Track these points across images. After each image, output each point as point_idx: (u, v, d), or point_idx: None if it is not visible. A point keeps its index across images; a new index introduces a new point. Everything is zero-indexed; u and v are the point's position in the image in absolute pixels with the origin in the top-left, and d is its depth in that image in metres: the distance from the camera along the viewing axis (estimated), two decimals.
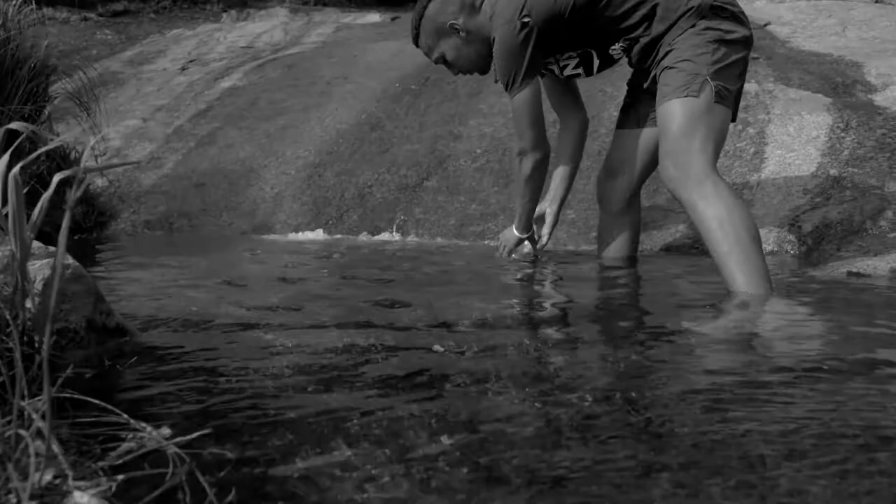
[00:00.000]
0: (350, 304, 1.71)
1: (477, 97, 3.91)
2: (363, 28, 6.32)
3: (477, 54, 2.23)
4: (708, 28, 1.94)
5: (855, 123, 3.03)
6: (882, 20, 4.68)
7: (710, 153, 1.87)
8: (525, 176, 2.23)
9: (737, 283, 1.75)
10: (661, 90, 1.96)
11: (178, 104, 5.00)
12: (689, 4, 1.96)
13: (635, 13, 2.01)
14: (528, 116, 2.13)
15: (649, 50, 2.04)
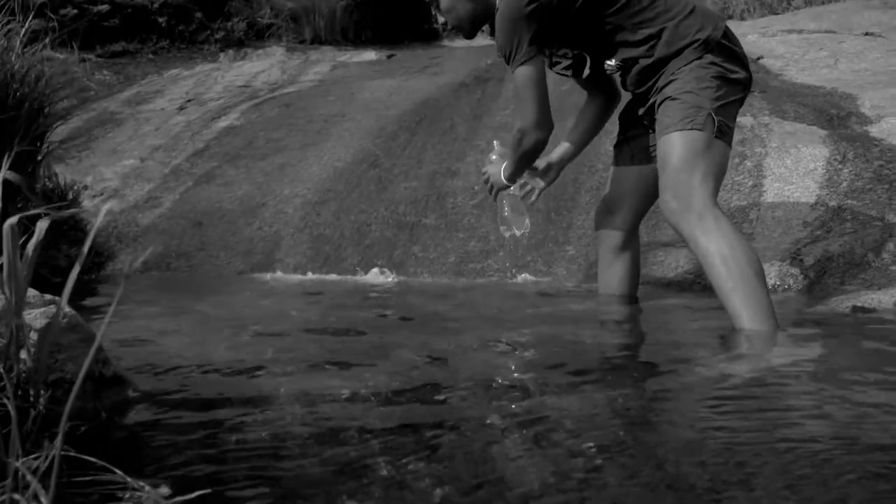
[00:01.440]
0: (350, 350, 1.69)
1: (474, 133, 3.92)
2: (359, 66, 6.38)
3: (468, 14, 2.14)
4: (713, 63, 1.93)
5: (852, 155, 3.04)
6: (872, 52, 4.73)
7: (711, 187, 1.86)
8: (521, 151, 2.11)
9: (742, 320, 1.73)
10: (662, 121, 1.94)
11: (176, 144, 5.02)
12: (696, 36, 1.94)
13: (642, 30, 1.98)
14: (531, 93, 1.99)
15: (649, 74, 2.02)
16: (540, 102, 2.01)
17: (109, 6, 8.41)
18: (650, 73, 2.02)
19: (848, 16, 5.73)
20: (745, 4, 7.62)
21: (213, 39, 8.37)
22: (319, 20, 8.40)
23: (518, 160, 2.15)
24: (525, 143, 2.07)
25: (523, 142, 2.07)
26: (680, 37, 1.96)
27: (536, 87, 1.99)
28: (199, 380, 1.43)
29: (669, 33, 1.96)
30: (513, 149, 2.14)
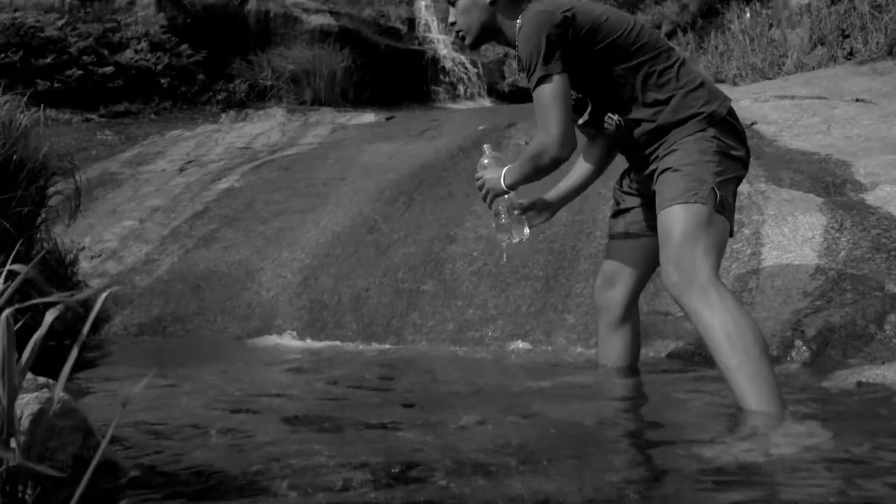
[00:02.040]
0: (347, 428, 1.66)
1: (472, 198, 3.94)
2: (358, 129, 6.46)
3: (481, 23, 2.10)
4: (716, 137, 1.93)
5: (849, 224, 3.05)
6: (864, 118, 4.81)
7: (713, 261, 1.85)
8: (537, 166, 2.01)
9: (748, 400, 1.70)
10: (664, 193, 1.93)
11: (176, 205, 5.04)
12: (702, 108, 1.94)
13: (650, 92, 1.97)
14: (556, 107, 1.92)
15: (650, 140, 2.01)
16: (565, 118, 1.94)
17: (114, 68, 8.58)
18: (651, 138, 2.01)
19: (838, 82, 5.84)
20: (737, 70, 7.78)
21: (215, 100, 8.53)
22: (320, 82, 8.57)
23: (529, 173, 2.06)
24: (544, 159, 1.98)
25: (542, 157, 1.98)
26: (686, 106, 1.96)
27: (562, 101, 1.93)
28: (192, 460, 1.40)
29: (677, 101, 1.96)
30: (527, 160, 2.03)
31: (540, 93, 1.93)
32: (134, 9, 9.49)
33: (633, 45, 1.98)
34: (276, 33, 9.29)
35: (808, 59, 8.09)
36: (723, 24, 9.53)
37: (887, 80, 5.82)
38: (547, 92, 1.92)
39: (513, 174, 2.10)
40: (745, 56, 8.41)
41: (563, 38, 1.91)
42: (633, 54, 1.98)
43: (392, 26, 10.17)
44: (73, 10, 9.40)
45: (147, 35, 8.92)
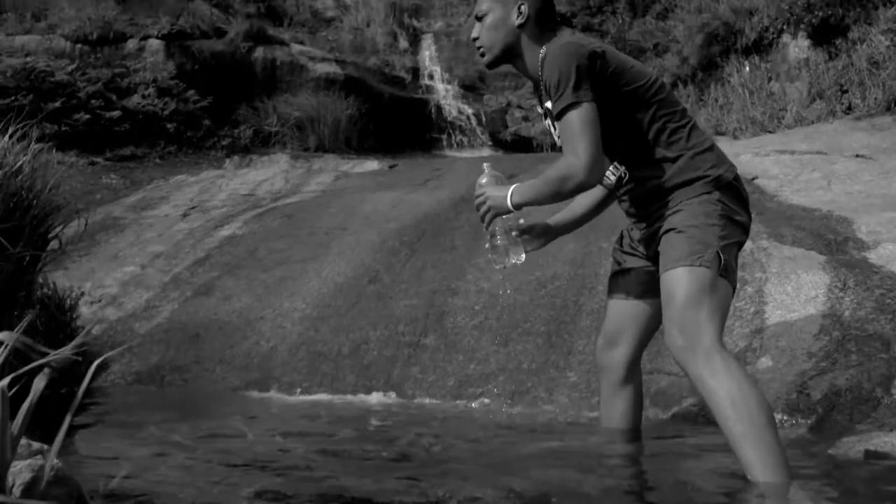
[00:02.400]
0: (342, 492, 1.62)
1: (474, 251, 3.94)
2: (361, 177, 6.50)
3: (506, 43, 2.07)
4: (721, 201, 1.93)
5: (852, 283, 3.04)
6: (864, 174, 4.83)
7: (717, 326, 1.84)
8: (558, 190, 1.94)
9: (754, 469, 1.67)
10: (668, 254, 1.91)
11: (178, 251, 5.04)
12: (709, 171, 1.94)
13: (660, 148, 1.97)
14: (587, 133, 1.87)
15: (653, 198, 2.00)
16: (595, 144, 1.88)
17: (121, 112, 8.69)
18: (656, 196, 2.00)
19: (838, 137, 5.89)
20: (737, 123, 7.87)
21: (220, 146, 8.60)
22: (324, 129, 8.65)
23: (546, 194, 1.97)
24: (569, 184, 1.91)
25: (568, 182, 1.91)
26: (694, 168, 1.95)
27: (592, 127, 1.88)
28: None
29: (685, 161, 1.96)
30: (549, 181, 1.95)
31: (569, 118, 1.89)
32: (143, 55, 9.66)
33: (652, 98, 1.99)
34: (282, 80, 9.42)
35: (808, 113, 8.18)
36: (722, 77, 9.66)
37: (886, 135, 5.87)
38: (577, 117, 1.88)
39: (524, 194, 1.99)
40: (745, 109, 8.50)
41: (591, 71, 1.90)
42: (650, 106, 1.99)
43: (396, 75, 10.32)
44: (83, 56, 9.57)
45: (155, 81, 9.06)
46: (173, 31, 9.69)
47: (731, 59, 9.91)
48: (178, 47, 9.61)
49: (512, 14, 2.05)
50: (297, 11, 11.99)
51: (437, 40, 11.23)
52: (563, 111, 1.89)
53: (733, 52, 10.08)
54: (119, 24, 9.88)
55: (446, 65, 10.64)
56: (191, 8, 10.83)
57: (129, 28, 9.93)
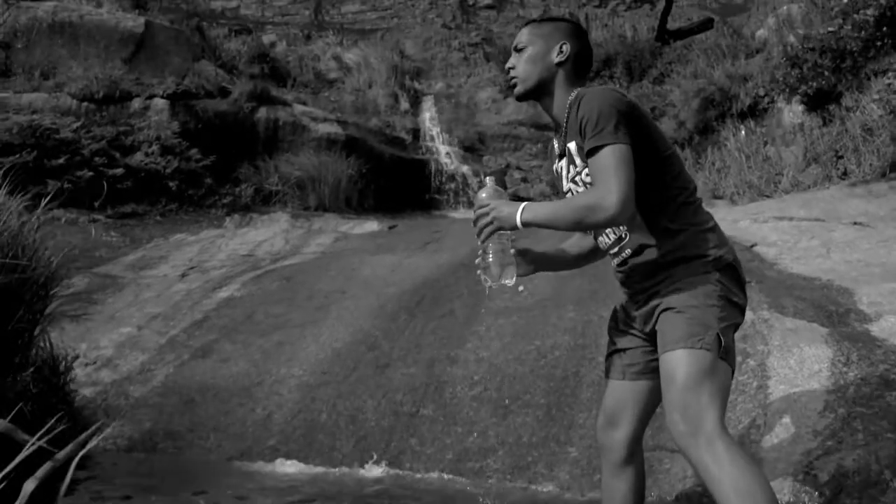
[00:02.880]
0: None
1: (473, 318, 3.92)
2: (361, 238, 6.52)
3: (538, 79, 2.06)
4: (720, 282, 1.91)
5: (856, 357, 3.01)
6: (863, 242, 4.84)
7: (719, 410, 1.80)
8: (582, 220, 1.88)
9: None
10: (667, 335, 1.88)
11: (175, 313, 5.01)
12: (710, 251, 1.92)
13: (664, 220, 1.95)
14: (623, 172, 1.83)
15: (651, 271, 1.97)
16: (630, 185, 1.83)
17: (124, 169, 8.76)
18: (653, 268, 1.97)
19: (835, 204, 5.93)
20: (734, 187, 7.94)
21: (221, 204, 8.64)
22: (324, 188, 8.71)
23: (565, 220, 1.90)
24: (597, 216, 1.85)
25: (595, 213, 1.84)
26: (695, 245, 1.94)
27: (629, 168, 1.84)
28: None
29: (688, 237, 1.94)
30: (575, 208, 1.88)
31: (606, 155, 1.85)
32: (148, 113, 9.79)
33: (669, 167, 1.99)
34: (284, 140, 9.53)
35: (804, 178, 8.27)
36: (718, 141, 9.80)
37: (883, 203, 5.91)
38: (615, 154, 1.84)
39: (538, 213, 1.92)
40: (742, 173, 8.59)
41: (629, 119, 1.90)
42: (666, 174, 1.98)
43: (397, 136, 10.45)
44: (89, 114, 9.69)
45: (159, 139, 9.16)
46: (178, 91, 9.84)
47: (727, 124, 10.07)
48: (182, 106, 9.74)
49: (553, 51, 2.06)
50: (301, 72, 12.23)
51: (438, 102, 11.43)
52: (600, 147, 1.86)
53: (729, 116, 10.25)
54: (125, 84, 10.04)
55: (446, 126, 10.80)
56: (196, 68, 11.04)
57: (135, 87, 10.09)
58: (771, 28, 12.12)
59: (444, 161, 10.24)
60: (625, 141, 1.86)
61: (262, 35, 15.41)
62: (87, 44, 11.00)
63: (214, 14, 19.50)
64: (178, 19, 15.59)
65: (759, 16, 17.27)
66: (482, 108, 11.30)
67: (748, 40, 12.51)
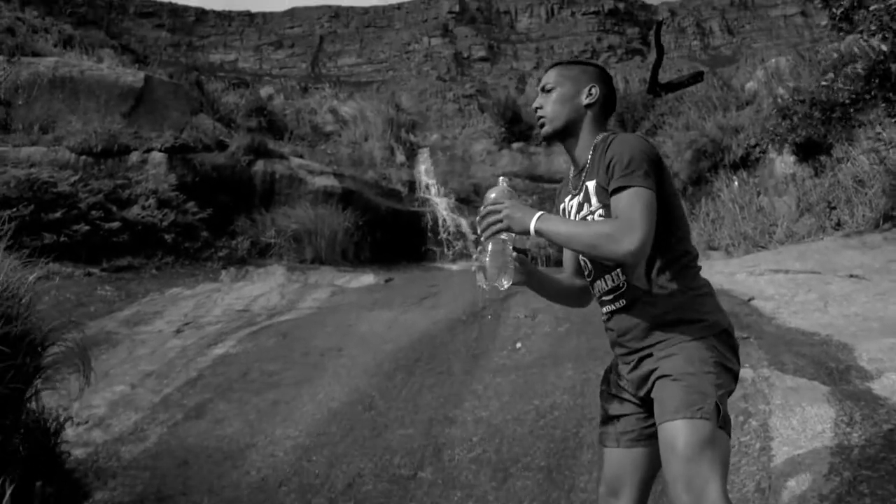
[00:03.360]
0: None
1: (471, 377, 3.88)
2: (358, 293, 6.49)
3: (566, 120, 2.07)
4: (715, 347, 1.90)
5: (859, 417, 2.97)
6: (860, 295, 4.84)
7: (721, 480, 1.77)
8: (598, 245, 1.84)
9: None
10: (665, 404, 1.86)
11: (169, 370, 4.95)
12: (707, 316, 1.91)
13: (665, 279, 1.94)
14: (647, 216, 1.83)
15: (643, 327, 1.95)
16: (651, 230, 1.83)
17: (121, 223, 8.77)
18: (648, 326, 1.95)
19: (830, 256, 5.95)
20: (729, 238, 7.98)
21: (217, 257, 8.64)
22: (321, 241, 8.73)
23: (581, 240, 1.87)
24: (611, 247, 1.83)
25: (611, 244, 1.82)
26: (692, 308, 1.92)
27: (652, 213, 1.84)
28: None
29: (686, 299, 1.93)
30: (594, 233, 1.86)
31: (633, 195, 1.85)
32: (146, 167, 9.85)
33: (678, 228, 1.99)
34: (280, 193, 9.59)
35: (798, 228, 8.32)
36: (712, 192, 9.89)
37: (878, 254, 5.94)
38: (641, 198, 1.84)
39: (554, 224, 1.90)
40: (736, 224, 8.65)
41: (656, 169, 1.91)
42: (674, 233, 1.98)
43: (393, 188, 10.53)
44: (87, 167, 9.75)
45: (156, 192, 9.20)
46: (176, 145, 9.93)
47: (720, 174, 10.18)
48: (180, 160, 9.82)
49: (582, 93, 2.09)
50: (298, 125, 12.38)
51: (433, 154, 11.55)
52: (628, 187, 1.86)
53: (721, 167, 10.37)
54: (124, 137, 10.13)
55: (442, 178, 10.88)
56: (194, 122, 11.16)
57: (133, 141, 10.18)
58: (760, 80, 12.37)
59: (439, 213, 10.29)
60: (652, 188, 1.87)
61: (260, 88, 15.64)
62: (86, 98, 11.14)
63: (213, 67, 19.88)
64: (177, 72, 15.84)
65: (748, 68, 17.64)
66: (477, 160, 11.41)
67: (738, 92, 12.74)
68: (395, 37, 64.56)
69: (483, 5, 78.59)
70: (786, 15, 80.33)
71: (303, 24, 66.68)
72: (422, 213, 10.14)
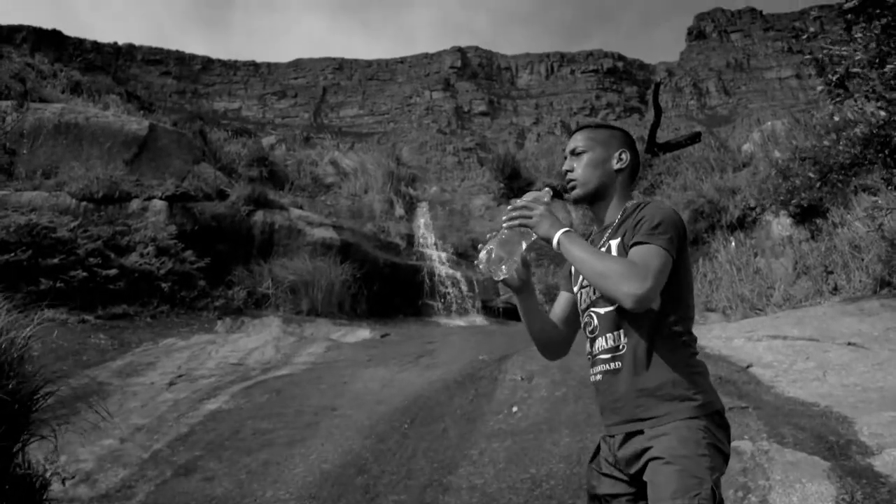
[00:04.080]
0: None
1: (466, 441, 3.82)
2: (353, 348, 6.44)
3: (598, 184, 2.09)
4: (708, 429, 1.87)
5: (860, 496, 2.93)
6: (858, 364, 4.82)
7: None
8: (605, 277, 1.84)
9: None
10: (660, 489, 1.80)
11: (160, 425, 4.88)
12: (699, 395, 1.87)
13: (665, 349, 1.92)
14: (660, 275, 1.84)
15: (634, 399, 1.90)
16: (660, 286, 1.84)
17: (118, 270, 8.74)
18: (639, 398, 1.90)
19: (828, 322, 5.94)
20: (727, 301, 7.98)
21: (213, 306, 8.58)
22: (317, 293, 8.70)
23: (592, 267, 1.88)
24: (617, 284, 1.83)
25: (617, 282, 1.83)
26: (687, 386, 1.89)
27: (664, 275, 1.85)
28: None
29: (682, 375, 1.89)
30: (607, 266, 1.86)
31: (654, 251, 1.86)
32: (146, 214, 9.88)
33: (686, 307, 1.97)
34: (279, 244, 9.60)
35: (795, 291, 8.33)
36: (709, 253, 9.94)
37: (875, 321, 5.93)
38: (661, 257, 1.85)
39: (575, 243, 1.92)
40: (734, 285, 8.66)
41: (680, 242, 1.92)
42: (678, 310, 1.95)
43: (391, 241, 10.55)
44: (87, 213, 9.78)
45: (154, 240, 9.20)
46: (177, 193, 9.98)
47: (717, 235, 10.24)
48: (180, 208, 9.85)
49: (613, 158, 2.11)
50: (299, 176, 12.47)
51: (432, 208, 11.62)
52: (650, 244, 1.88)
53: (718, 228, 10.44)
54: (125, 184, 10.18)
55: (440, 232, 10.92)
56: (196, 171, 11.25)
57: (134, 188, 10.23)
58: (756, 143, 12.56)
59: (437, 267, 10.30)
60: (672, 255, 1.88)
61: (263, 137, 15.83)
62: (90, 145, 11.23)
63: (217, 115, 20.16)
64: (181, 120, 16.05)
65: (744, 127, 17.91)
66: (476, 214, 11.48)
67: (735, 154, 12.92)
68: (397, 89, 65.64)
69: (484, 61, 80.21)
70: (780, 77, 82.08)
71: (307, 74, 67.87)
72: (419, 267, 10.13)
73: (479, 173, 13.98)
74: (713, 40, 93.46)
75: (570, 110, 61.96)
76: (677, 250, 1.91)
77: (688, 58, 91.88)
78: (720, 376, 4.54)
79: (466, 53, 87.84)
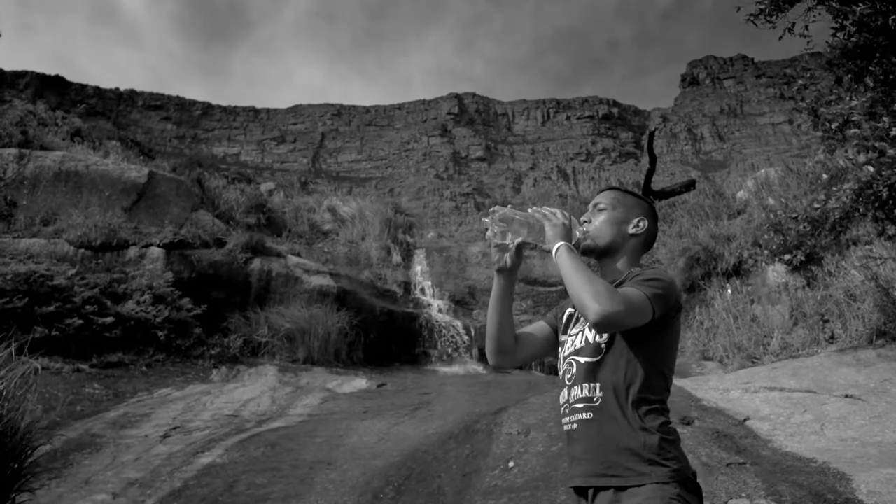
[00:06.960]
0: None
1: (463, 497, 3.78)
2: (349, 399, 6.40)
3: (611, 241, 2.15)
4: (680, 496, 1.87)
5: None
6: (856, 418, 4.81)
7: None
8: (585, 289, 1.89)
9: None
10: None
11: (154, 479, 4.82)
12: (671, 461, 1.86)
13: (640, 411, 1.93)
14: (631, 306, 1.89)
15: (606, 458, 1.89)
16: (629, 320, 1.89)
17: (114, 318, 8.72)
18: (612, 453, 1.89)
19: (825, 373, 5.94)
20: (723, 350, 7.97)
21: (209, 355, 8.55)
22: (314, 341, 8.67)
23: (574, 284, 1.92)
24: (591, 302, 1.87)
25: (592, 299, 1.87)
26: (659, 452, 1.88)
27: (637, 317, 1.91)
28: None
29: (655, 440, 1.89)
30: (589, 284, 1.91)
31: (641, 295, 1.93)
32: (143, 262, 9.90)
33: (664, 379, 2.00)
34: (276, 291, 9.60)
35: (792, 340, 8.33)
36: (706, 300, 9.95)
37: (872, 372, 5.93)
38: (643, 302, 1.92)
39: (568, 258, 1.99)
40: (731, 334, 8.66)
41: (667, 308, 1.97)
42: (656, 381, 1.97)
43: (388, 289, 10.56)
44: (84, 261, 9.80)
45: (151, 288, 9.20)
46: (175, 241, 10.02)
47: (713, 282, 10.27)
48: (177, 256, 9.88)
49: (631, 222, 2.17)
50: (296, 223, 12.54)
51: (429, 255, 11.65)
52: (636, 289, 1.94)
53: (714, 275, 10.48)
54: (124, 232, 10.23)
55: (437, 279, 10.94)
56: (194, 218, 11.32)
57: (132, 235, 10.28)
58: (751, 190, 12.69)
59: (434, 314, 10.29)
60: (655, 311, 1.93)
61: (261, 183, 15.93)
62: (89, 192, 11.31)
63: (216, 160, 20.35)
64: (181, 165, 16.17)
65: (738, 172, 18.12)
66: (472, 261, 11.51)
67: (729, 201, 13.04)
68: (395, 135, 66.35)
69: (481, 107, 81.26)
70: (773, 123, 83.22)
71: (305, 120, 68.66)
72: (416, 315, 10.12)
73: (475, 219, 14.05)
74: (706, 87, 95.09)
75: (566, 155, 62.65)
76: (663, 313, 1.95)
77: (682, 104, 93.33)
78: (717, 430, 4.52)
79: (463, 100, 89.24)
